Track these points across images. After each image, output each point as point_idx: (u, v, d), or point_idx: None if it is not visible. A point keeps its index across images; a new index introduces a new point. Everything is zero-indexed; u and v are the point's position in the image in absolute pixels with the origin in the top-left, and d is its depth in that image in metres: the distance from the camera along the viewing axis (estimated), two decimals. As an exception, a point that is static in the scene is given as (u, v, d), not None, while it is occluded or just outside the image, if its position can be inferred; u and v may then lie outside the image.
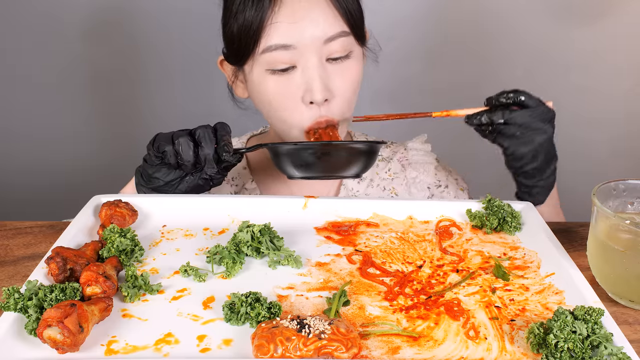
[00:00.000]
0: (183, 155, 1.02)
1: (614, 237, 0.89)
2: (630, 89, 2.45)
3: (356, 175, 1.08)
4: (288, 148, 1.04)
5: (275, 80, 1.14)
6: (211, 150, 1.03)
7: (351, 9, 1.16)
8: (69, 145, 2.47)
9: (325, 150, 1.04)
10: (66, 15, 2.30)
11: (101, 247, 0.92)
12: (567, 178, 2.46)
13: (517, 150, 1.10)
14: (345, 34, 1.15)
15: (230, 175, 1.35)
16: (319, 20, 1.11)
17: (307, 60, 1.12)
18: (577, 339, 0.71)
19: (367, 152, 1.07)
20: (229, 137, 1.05)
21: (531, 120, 1.08)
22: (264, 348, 0.71)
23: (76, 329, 0.71)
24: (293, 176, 1.07)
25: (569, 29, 2.37)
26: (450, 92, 2.45)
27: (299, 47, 1.11)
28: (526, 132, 1.08)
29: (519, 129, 1.08)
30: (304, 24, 1.11)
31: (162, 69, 2.40)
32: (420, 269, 0.93)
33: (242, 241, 0.92)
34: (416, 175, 1.36)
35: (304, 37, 1.11)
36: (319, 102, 1.13)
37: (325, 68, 1.14)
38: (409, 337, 0.78)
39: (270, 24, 1.11)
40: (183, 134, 1.03)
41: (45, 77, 2.38)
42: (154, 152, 1.05)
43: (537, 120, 1.08)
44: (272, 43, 1.11)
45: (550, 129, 1.10)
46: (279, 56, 1.12)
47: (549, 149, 1.12)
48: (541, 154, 1.10)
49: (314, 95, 1.12)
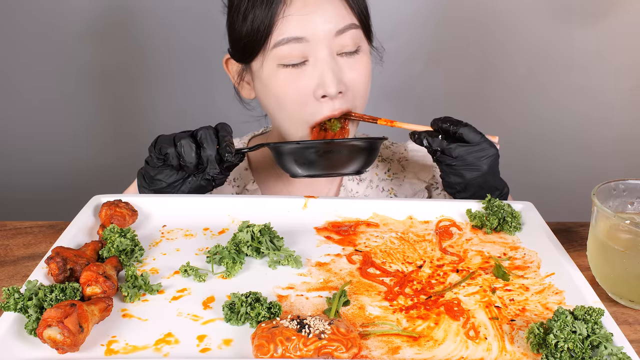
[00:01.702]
0: (185, 156, 1.03)
1: (614, 237, 0.89)
2: (631, 89, 2.45)
3: (358, 171, 1.09)
4: (291, 147, 1.05)
5: (286, 74, 1.14)
6: (213, 151, 1.03)
7: (361, 4, 1.18)
8: (69, 146, 2.47)
9: (327, 148, 1.05)
10: (69, 16, 2.30)
11: (101, 247, 0.92)
12: (567, 178, 2.48)
13: (447, 178, 1.12)
14: (356, 26, 1.15)
15: (231, 176, 1.35)
16: (330, 13, 1.12)
17: (318, 53, 1.12)
18: (577, 339, 0.71)
19: (369, 148, 1.09)
20: (231, 137, 1.06)
21: (466, 156, 1.09)
22: (264, 348, 0.71)
23: (76, 329, 0.71)
24: (296, 174, 1.07)
25: (570, 28, 2.38)
26: (452, 92, 2.45)
27: (311, 39, 1.12)
28: (458, 165, 1.09)
29: (453, 160, 1.09)
30: (315, 16, 1.11)
31: (164, 69, 2.40)
32: (420, 269, 0.93)
33: (242, 241, 0.92)
34: (415, 176, 1.36)
35: (316, 30, 1.11)
36: (332, 95, 1.13)
37: (337, 61, 1.14)
38: (409, 337, 0.78)
39: (282, 17, 1.11)
40: (185, 136, 1.04)
41: (46, 78, 2.38)
42: (156, 154, 1.05)
43: (471, 157, 1.09)
44: (284, 36, 1.12)
45: (485, 167, 1.10)
46: (291, 49, 1.12)
47: (482, 184, 1.11)
48: (472, 188, 1.11)
49: (327, 88, 1.12)
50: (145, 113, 2.47)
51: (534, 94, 2.47)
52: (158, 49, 2.37)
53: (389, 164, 1.38)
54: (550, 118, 2.50)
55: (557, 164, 2.53)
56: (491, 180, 1.12)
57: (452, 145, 1.09)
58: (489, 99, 2.48)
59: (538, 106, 2.49)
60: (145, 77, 2.42)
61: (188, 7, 2.29)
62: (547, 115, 2.50)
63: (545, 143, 2.51)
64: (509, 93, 2.47)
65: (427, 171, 1.37)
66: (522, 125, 2.48)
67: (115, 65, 2.39)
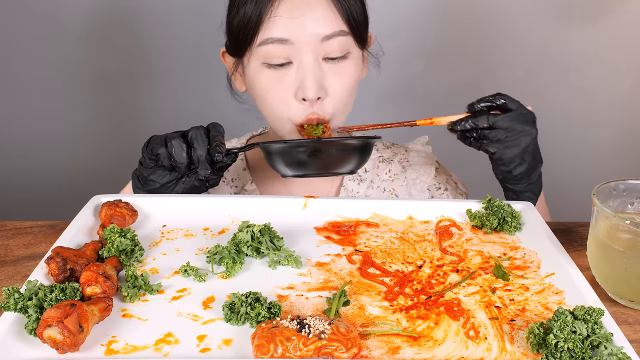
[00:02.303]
0: (176, 157, 1.03)
1: (614, 237, 0.89)
2: (629, 89, 2.45)
3: (350, 172, 1.08)
4: (279, 146, 1.04)
5: (269, 74, 1.15)
6: (203, 152, 1.03)
7: (353, 10, 1.16)
8: (69, 145, 2.47)
9: (316, 147, 1.04)
10: (66, 15, 2.30)
11: (101, 247, 0.92)
12: (567, 178, 2.48)
13: (504, 154, 1.11)
14: (344, 33, 1.15)
15: (229, 176, 1.35)
16: (318, 18, 1.12)
17: (303, 56, 1.12)
18: (577, 339, 0.71)
19: (360, 147, 1.07)
20: (222, 137, 1.05)
21: (515, 123, 1.08)
22: (264, 348, 0.71)
23: (76, 329, 0.71)
24: (286, 175, 1.06)
25: (568, 29, 2.38)
26: (450, 92, 2.45)
27: (296, 42, 1.12)
28: (511, 135, 1.09)
29: (504, 132, 1.09)
30: (303, 20, 1.11)
31: (164, 69, 2.40)
32: (420, 269, 0.93)
33: (242, 241, 0.92)
34: (416, 177, 1.36)
35: (302, 33, 1.11)
36: (311, 100, 1.13)
37: (320, 66, 1.14)
38: (409, 337, 0.78)
39: (269, 17, 1.11)
40: (175, 136, 1.03)
41: (45, 77, 2.38)
42: (148, 154, 1.06)
43: (520, 123, 1.09)
44: (269, 36, 1.12)
45: (534, 131, 1.11)
46: (275, 50, 1.12)
47: (534, 151, 1.12)
48: (528, 156, 1.11)
49: (306, 92, 1.12)
50: (145, 112, 2.47)
51: (532, 94, 2.47)
52: (158, 48, 2.37)
53: (390, 164, 1.38)
54: (550, 118, 2.49)
55: (556, 164, 2.52)
56: (537, 147, 1.12)
57: (497, 117, 1.08)
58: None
59: (537, 106, 2.47)
60: (145, 77, 2.42)
61: (188, 7, 2.29)
62: (546, 115, 2.48)
63: (545, 143, 2.50)
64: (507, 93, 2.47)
65: (428, 172, 1.36)
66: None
67: (115, 64, 2.39)
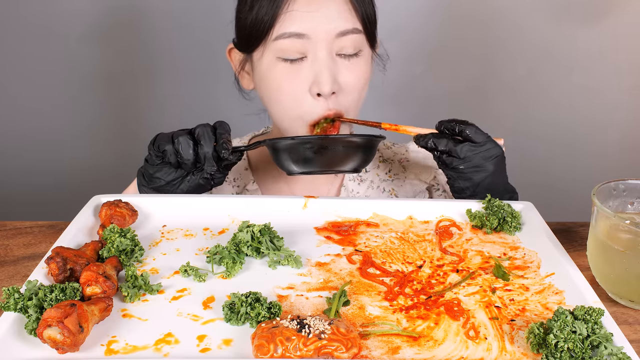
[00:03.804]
0: (183, 153, 1.03)
1: (614, 237, 0.89)
2: (631, 89, 2.45)
3: (355, 169, 1.08)
4: (286, 143, 1.04)
5: (284, 67, 1.15)
6: (210, 149, 1.03)
7: (367, 10, 1.18)
8: (69, 145, 2.48)
9: (323, 144, 1.04)
10: (69, 16, 2.30)
11: (101, 247, 0.92)
12: (567, 178, 2.48)
13: (456, 183, 1.11)
14: (358, 31, 1.16)
15: (231, 176, 1.36)
16: (334, 14, 1.13)
17: (318, 51, 1.13)
18: (577, 339, 0.71)
19: (366, 146, 1.07)
20: (229, 135, 1.06)
21: (472, 155, 1.08)
22: (264, 348, 0.71)
23: (76, 329, 0.71)
24: (292, 172, 1.06)
25: (571, 29, 2.38)
26: (453, 92, 2.45)
27: (312, 37, 1.12)
28: (466, 168, 1.08)
29: (460, 162, 1.08)
30: (319, 15, 1.12)
31: (168, 68, 2.40)
32: (420, 269, 0.93)
33: (242, 241, 0.92)
34: (416, 177, 1.36)
35: (318, 28, 1.12)
36: (326, 94, 1.13)
37: (335, 61, 1.15)
38: (409, 337, 0.78)
39: (286, 11, 1.12)
40: (182, 133, 1.04)
41: (46, 77, 2.38)
42: (154, 151, 1.06)
43: (477, 157, 1.08)
44: (286, 30, 1.12)
45: (491, 168, 1.09)
46: (291, 44, 1.13)
47: (490, 187, 1.10)
48: (482, 190, 1.10)
49: (322, 87, 1.12)
50: (146, 113, 2.47)
51: (535, 94, 2.47)
52: (161, 50, 2.37)
53: (390, 164, 1.38)
54: (551, 118, 2.50)
55: (557, 163, 2.53)
56: (499, 183, 1.11)
57: (458, 145, 1.08)
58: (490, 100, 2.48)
59: (538, 106, 2.49)
60: (148, 77, 2.42)
61: (192, 7, 2.29)
62: (547, 115, 2.50)
63: (545, 143, 2.52)
64: (509, 93, 2.47)
65: (428, 172, 1.37)
66: (522, 126, 2.48)
67: (119, 64, 2.39)
